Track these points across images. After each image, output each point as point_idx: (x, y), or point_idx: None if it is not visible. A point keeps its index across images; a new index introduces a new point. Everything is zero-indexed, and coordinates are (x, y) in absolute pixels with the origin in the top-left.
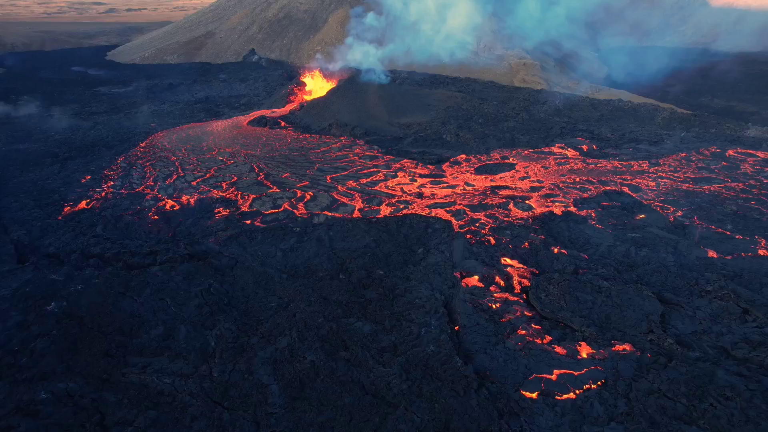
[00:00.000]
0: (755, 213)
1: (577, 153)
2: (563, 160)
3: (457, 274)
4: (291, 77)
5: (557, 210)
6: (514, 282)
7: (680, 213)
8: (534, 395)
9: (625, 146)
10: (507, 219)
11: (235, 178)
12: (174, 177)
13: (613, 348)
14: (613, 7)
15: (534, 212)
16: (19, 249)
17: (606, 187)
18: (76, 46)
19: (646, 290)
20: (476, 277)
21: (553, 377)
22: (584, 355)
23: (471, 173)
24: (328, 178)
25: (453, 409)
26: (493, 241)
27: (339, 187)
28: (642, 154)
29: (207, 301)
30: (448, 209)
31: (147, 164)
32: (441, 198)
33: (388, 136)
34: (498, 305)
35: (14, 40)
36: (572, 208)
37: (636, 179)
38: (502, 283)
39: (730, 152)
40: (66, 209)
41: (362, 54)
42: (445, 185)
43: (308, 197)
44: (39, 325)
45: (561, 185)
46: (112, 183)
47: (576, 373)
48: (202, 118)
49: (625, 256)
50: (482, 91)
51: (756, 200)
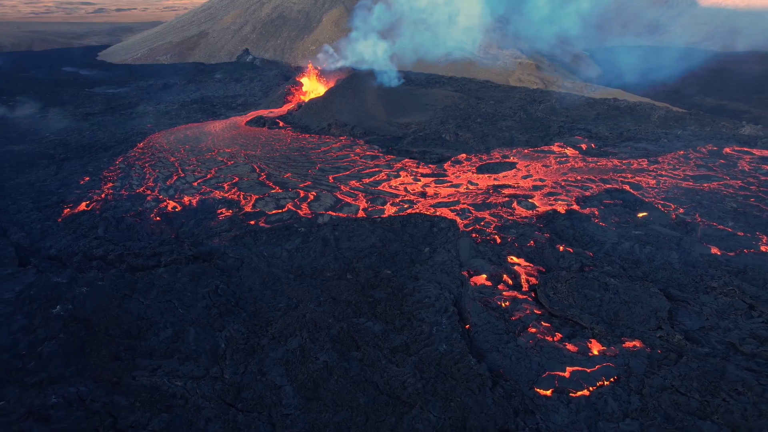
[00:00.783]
0: (755, 210)
1: (577, 152)
2: (563, 159)
3: (465, 273)
4: (287, 77)
5: (560, 208)
6: (522, 280)
7: (682, 210)
8: (548, 392)
9: (624, 145)
10: (511, 218)
11: (237, 179)
12: (174, 178)
13: (624, 345)
14: (605, 8)
15: (538, 211)
16: (20, 251)
17: (607, 185)
18: (66, 47)
19: (653, 287)
20: (484, 276)
21: (566, 374)
22: (595, 352)
23: (473, 172)
24: (331, 178)
25: (469, 408)
26: (499, 240)
27: (342, 187)
28: (640, 153)
29: (215, 303)
30: (452, 208)
31: (146, 165)
32: (444, 197)
33: (388, 136)
34: (507, 303)
35: (2, 40)
36: (575, 207)
37: (636, 177)
38: (510, 282)
39: (727, 150)
40: (65, 211)
41: (356, 54)
42: (449, 184)
43: (311, 197)
44: (45, 329)
45: (563, 183)
46: (112, 184)
47: (588, 370)
48: (199, 119)
49: (630, 254)
50: (478, 91)
51: (755, 197)
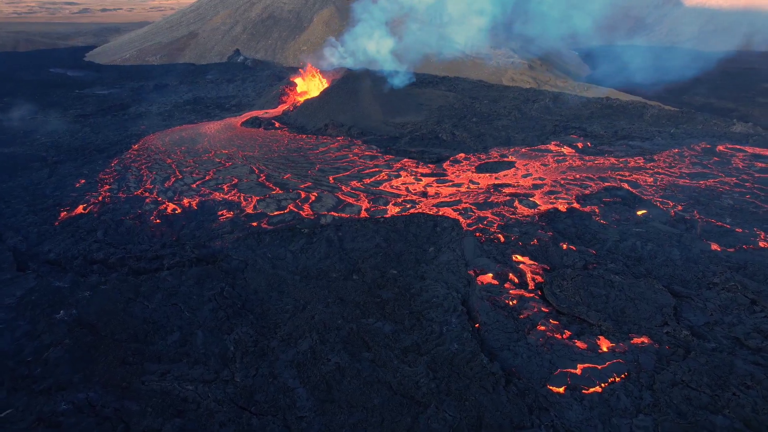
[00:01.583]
0: (751, 206)
1: (573, 150)
2: (561, 158)
3: (471, 272)
4: (280, 77)
5: (561, 207)
6: (528, 278)
7: (680, 207)
8: (561, 390)
9: (619, 143)
10: (514, 216)
11: (236, 180)
12: (172, 180)
13: (632, 341)
14: (589, 8)
15: (539, 209)
16: (17, 256)
17: (606, 184)
18: (52, 47)
19: (657, 284)
20: (490, 275)
21: (578, 371)
22: (605, 349)
23: (472, 171)
24: (331, 179)
25: (484, 406)
26: (503, 239)
27: (343, 188)
28: (636, 151)
29: (221, 305)
30: (455, 208)
31: (143, 167)
32: (446, 197)
33: (385, 136)
34: (515, 302)
35: None
36: (576, 205)
37: (633, 175)
38: (516, 280)
39: (720, 148)
40: (62, 214)
41: (351, 53)
42: (450, 184)
43: (313, 198)
44: (50, 334)
45: (562, 182)
46: (108, 187)
47: (599, 367)
48: (194, 120)
49: (632, 251)
50: (472, 90)
51: (750, 194)
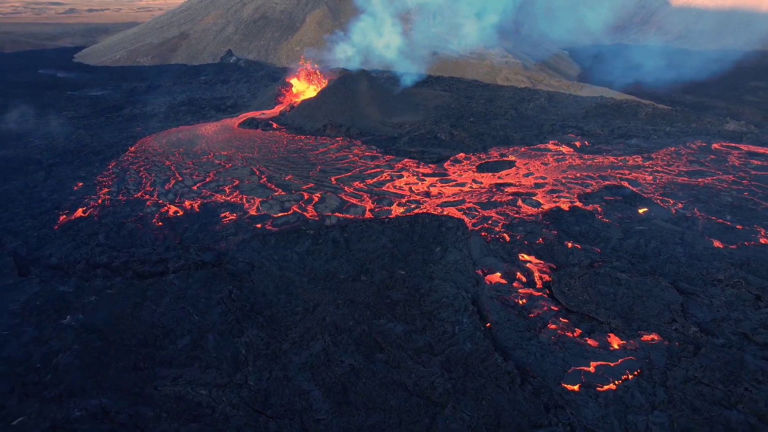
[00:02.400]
0: (750, 203)
1: (572, 149)
2: (560, 157)
3: (479, 272)
4: (274, 78)
5: (564, 205)
6: (535, 277)
7: (680, 205)
8: (576, 387)
9: (616, 142)
10: (518, 216)
11: (237, 182)
12: (172, 182)
13: (642, 338)
14: (576, 8)
15: (543, 208)
16: (18, 261)
17: (606, 182)
18: (39, 48)
19: (663, 281)
20: (498, 274)
21: (591, 369)
22: (616, 347)
23: (473, 171)
24: (333, 180)
25: (501, 406)
26: (508, 238)
27: (346, 188)
28: (633, 149)
29: (230, 308)
30: (459, 207)
31: (141, 169)
32: (449, 196)
33: (383, 136)
34: (524, 301)
35: None
36: (578, 203)
37: (633, 173)
38: (524, 279)
39: (715, 146)
40: (62, 218)
41: (343, 52)
42: (454, 183)
43: (316, 199)
44: (57, 340)
45: (563, 181)
46: (108, 189)
47: (612, 364)
48: (189, 121)
49: (636, 249)
50: (467, 90)
51: (748, 191)
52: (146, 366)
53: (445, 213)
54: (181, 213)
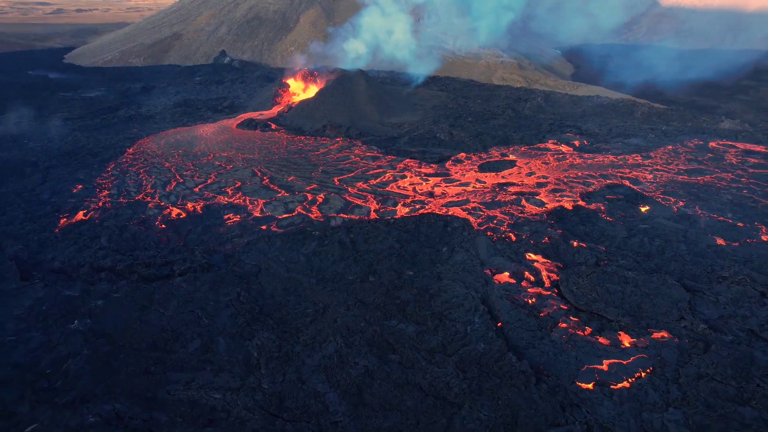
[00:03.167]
0: (749, 201)
1: (571, 149)
2: (560, 156)
3: (488, 272)
4: (270, 78)
5: (567, 204)
6: (543, 276)
7: (682, 203)
8: (590, 386)
9: (615, 141)
10: (522, 215)
11: (239, 183)
12: (173, 184)
13: (652, 336)
14: (567, 8)
15: (546, 207)
16: (20, 265)
17: (608, 181)
18: (27, 48)
19: (670, 279)
20: (506, 274)
21: (604, 367)
22: (627, 344)
23: (475, 171)
24: (336, 180)
25: (517, 405)
26: (514, 238)
27: (350, 189)
28: (632, 148)
29: (239, 311)
30: (464, 207)
31: (141, 171)
32: (453, 196)
33: (383, 136)
34: (534, 300)
35: None
36: (581, 203)
37: (633, 172)
38: (532, 279)
39: (712, 144)
40: (62, 221)
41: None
42: (457, 183)
43: (320, 200)
44: (66, 345)
45: (565, 180)
46: (108, 192)
47: (624, 362)
48: (187, 122)
49: (641, 247)
50: (464, 90)
51: (747, 189)
52: (157, 370)
53: (450, 213)
54: (184, 215)
